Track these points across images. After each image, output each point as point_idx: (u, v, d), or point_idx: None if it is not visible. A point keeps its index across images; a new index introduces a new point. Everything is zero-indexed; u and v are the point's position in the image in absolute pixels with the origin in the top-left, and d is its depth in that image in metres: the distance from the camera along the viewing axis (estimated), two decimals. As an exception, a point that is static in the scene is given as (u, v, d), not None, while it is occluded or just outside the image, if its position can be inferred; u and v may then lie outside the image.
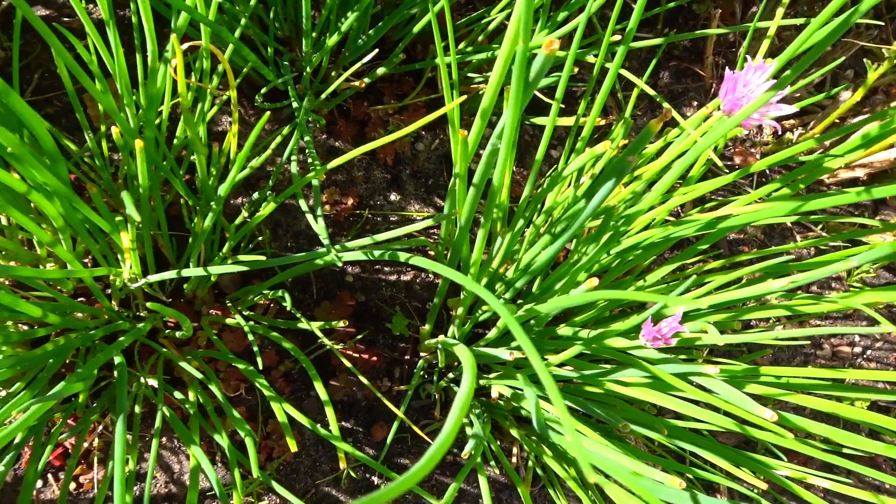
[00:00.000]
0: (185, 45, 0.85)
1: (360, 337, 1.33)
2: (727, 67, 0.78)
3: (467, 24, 1.37)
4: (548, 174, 1.46)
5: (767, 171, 1.68)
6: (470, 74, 1.38)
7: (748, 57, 0.74)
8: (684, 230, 0.89)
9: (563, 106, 1.54)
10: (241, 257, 0.83)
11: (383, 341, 1.36)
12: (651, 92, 1.16)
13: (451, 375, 1.17)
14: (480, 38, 1.35)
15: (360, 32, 1.19)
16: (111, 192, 1.14)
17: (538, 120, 1.36)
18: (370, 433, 1.31)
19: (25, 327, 1.09)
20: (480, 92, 1.39)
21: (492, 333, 0.96)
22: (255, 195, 1.10)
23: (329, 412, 0.87)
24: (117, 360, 0.86)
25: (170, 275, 0.89)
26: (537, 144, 1.56)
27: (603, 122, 1.40)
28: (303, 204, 0.90)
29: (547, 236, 0.98)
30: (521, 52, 0.53)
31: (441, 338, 0.99)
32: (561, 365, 0.97)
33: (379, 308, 1.36)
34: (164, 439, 1.20)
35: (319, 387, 0.90)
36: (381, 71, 1.26)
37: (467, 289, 0.78)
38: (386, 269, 1.41)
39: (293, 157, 1.00)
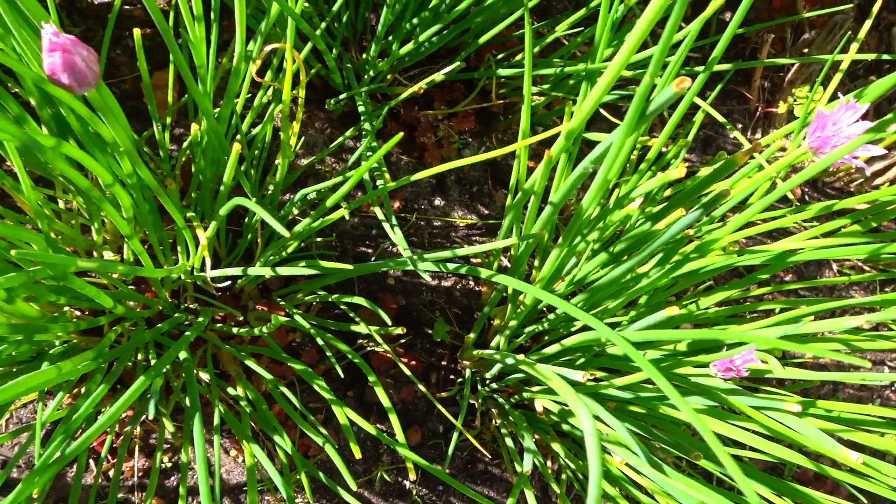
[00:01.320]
0: (270, 48, 0.86)
1: (402, 341, 1.33)
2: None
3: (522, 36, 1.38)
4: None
5: (802, 191, 1.69)
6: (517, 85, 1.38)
7: (840, 95, 0.74)
8: (750, 260, 0.89)
9: (617, 122, 1.55)
10: (325, 263, 0.84)
11: (421, 346, 1.36)
12: (720, 118, 1.16)
13: (493, 386, 1.18)
14: (536, 50, 1.35)
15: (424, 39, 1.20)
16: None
17: (592, 135, 1.36)
18: (405, 437, 1.31)
19: (77, 313, 1.10)
20: (535, 103, 1.39)
21: (552, 349, 0.96)
22: (311, 196, 1.10)
23: (394, 420, 0.87)
24: (183, 355, 0.86)
25: (235, 271, 0.89)
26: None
27: (650, 141, 1.40)
28: (378, 212, 0.91)
29: (604, 254, 0.98)
30: (646, 86, 0.53)
31: (489, 352, 1.00)
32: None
33: (419, 312, 1.37)
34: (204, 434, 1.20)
35: (381, 393, 0.91)
36: (439, 77, 1.26)
37: (559, 308, 0.78)
38: (429, 273, 1.41)
39: (364, 162, 1.00)
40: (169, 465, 1.19)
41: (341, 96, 1.11)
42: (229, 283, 1.21)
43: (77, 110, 0.63)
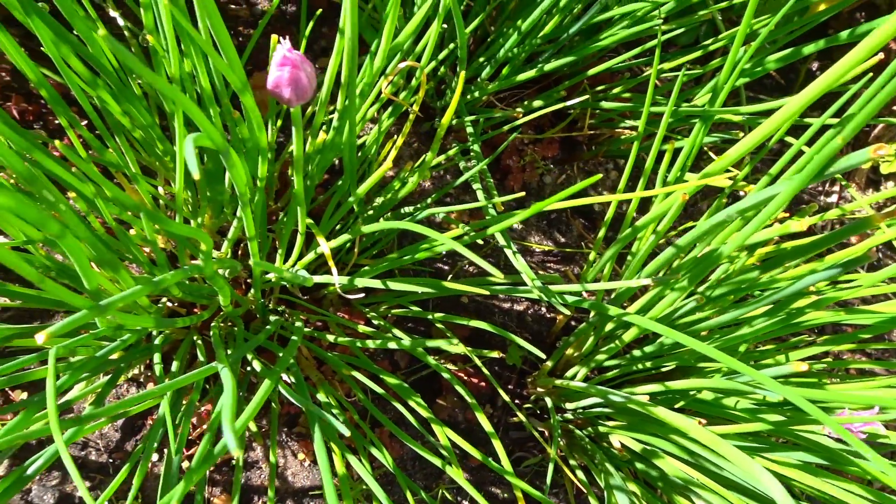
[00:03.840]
0: (403, 65, 0.87)
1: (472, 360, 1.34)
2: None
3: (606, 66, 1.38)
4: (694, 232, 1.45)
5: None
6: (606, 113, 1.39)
7: None
8: (860, 319, 0.89)
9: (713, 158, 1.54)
10: (449, 284, 0.84)
11: (490, 367, 1.36)
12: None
13: (568, 416, 1.17)
14: (628, 76, 1.36)
15: (525, 65, 1.21)
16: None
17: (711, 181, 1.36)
18: (467, 456, 1.31)
19: (169, 304, 1.11)
20: (623, 136, 1.39)
21: (649, 388, 0.96)
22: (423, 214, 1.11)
23: (497, 446, 0.87)
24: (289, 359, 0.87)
25: (373, 283, 0.90)
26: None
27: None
28: (500, 237, 0.91)
29: (699, 296, 0.98)
30: (835, 147, 0.53)
31: (577, 384, 1.00)
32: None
33: (490, 334, 1.37)
34: (283, 435, 1.21)
35: (482, 418, 0.91)
36: (536, 104, 1.27)
37: (723, 362, 0.78)
38: (501, 296, 1.42)
39: (476, 186, 1.01)
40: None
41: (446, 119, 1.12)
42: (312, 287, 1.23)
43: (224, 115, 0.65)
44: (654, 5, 1.00)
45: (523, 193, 0.89)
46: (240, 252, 1.17)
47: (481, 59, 1.21)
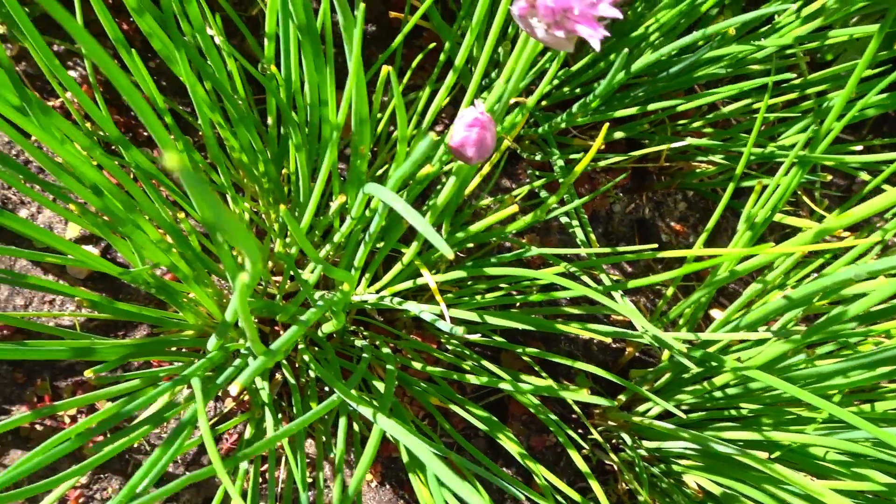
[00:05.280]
0: (514, 101, 0.87)
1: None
2: None
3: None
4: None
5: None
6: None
7: None
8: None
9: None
10: (564, 327, 0.84)
11: (555, 397, 1.36)
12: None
13: (642, 452, 1.17)
14: (711, 116, 1.35)
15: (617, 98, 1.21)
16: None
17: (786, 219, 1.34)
18: (529, 484, 1.31)
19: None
20: (699, 170, 1.38)
21: (743, 435, 0.95)
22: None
23: (596, 488, 0.87)
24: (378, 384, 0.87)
25: (470, 315, 0.90)
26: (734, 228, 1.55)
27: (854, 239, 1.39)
28: (605, 280, 0.91)
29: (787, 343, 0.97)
30: None
31: (664, 425, 0.99)
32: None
33: (556, 363, 1.37)
34: (350, 454, 1.21)
35: (577, 457, 0.91)
36: (618, 135, 1.27)
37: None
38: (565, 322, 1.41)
39: (575, 224, 1.01)
40: (309, 479, 1.20)
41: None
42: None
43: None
44: (756, 48, 1.00)
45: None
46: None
47: (565, 90, 1.21)
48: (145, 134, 1.25)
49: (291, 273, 1.00)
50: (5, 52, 0.58)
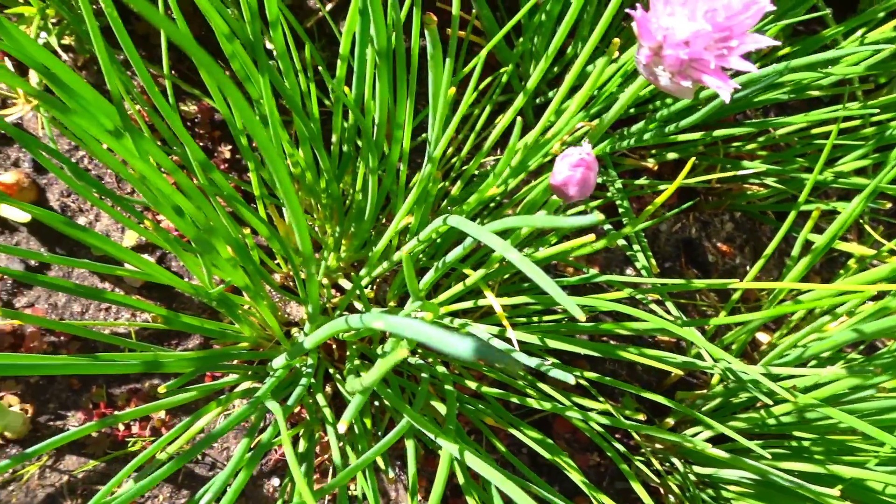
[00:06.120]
0: (581, 125, 0.87)
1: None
2: None
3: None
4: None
5: None
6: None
7: None
8: None
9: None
10: (642, 359, 0.84)
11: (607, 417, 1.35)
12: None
13: (692, 477, 1.16)
14: (763, 139, 1.34)
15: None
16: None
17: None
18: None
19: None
20: (749, 192, 1.37)
21: (799, 466, 0.94)
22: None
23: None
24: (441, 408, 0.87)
25: (530, 338, 0.90)
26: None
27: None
28: (672, 308, 0.90)
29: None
30: None
31: (721, 453, 0.98)
32: None
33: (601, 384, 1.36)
34: (396, 468, 1.22)
35: (635, 481, 0.91)
36: (671, 156, 1.26)
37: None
38: (612, 342, 1.41)
39: (635, 249, 1.01)
40: (356, 492, 1.20)
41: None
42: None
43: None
44: (823, 75, 0.99)
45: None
46: (375, 286, 1.18)
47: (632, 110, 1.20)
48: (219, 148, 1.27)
49: (337, 283, 1.01)
50: (119, 86, 0.59)
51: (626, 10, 0.41)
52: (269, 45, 1.10)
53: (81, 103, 0.55)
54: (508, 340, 0.86)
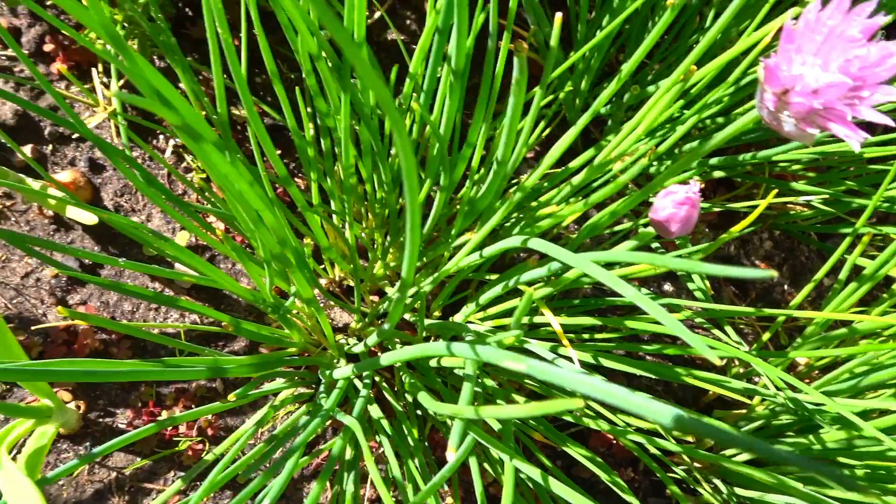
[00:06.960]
0: (620, 161, 0.87)
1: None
2: None
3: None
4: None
5: None
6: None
7: None
8: None
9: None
10: (701, 383, 0.84)
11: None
12: None
13: (724, 492, 1.16)
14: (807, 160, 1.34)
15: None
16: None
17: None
18: (604, 518, 1.31)
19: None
20: (792, 212, 1.37)
21: (855, 497, 0.94)
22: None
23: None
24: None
25: (584, 356, 0.91)
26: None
27: None
28: (732, 333, 0.91)
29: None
30: None
31: (761, 478, 0.98)
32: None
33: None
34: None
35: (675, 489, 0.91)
36: (717, 174, 1.26)
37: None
38: (648, 358, 1.41)
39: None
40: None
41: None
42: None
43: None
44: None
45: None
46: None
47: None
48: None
49: (379, 289, 1.02)
50: (226, 112, 0.60)
51: (759, 58, 0.41)
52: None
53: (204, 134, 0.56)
54: (568, 358, 0.87)
